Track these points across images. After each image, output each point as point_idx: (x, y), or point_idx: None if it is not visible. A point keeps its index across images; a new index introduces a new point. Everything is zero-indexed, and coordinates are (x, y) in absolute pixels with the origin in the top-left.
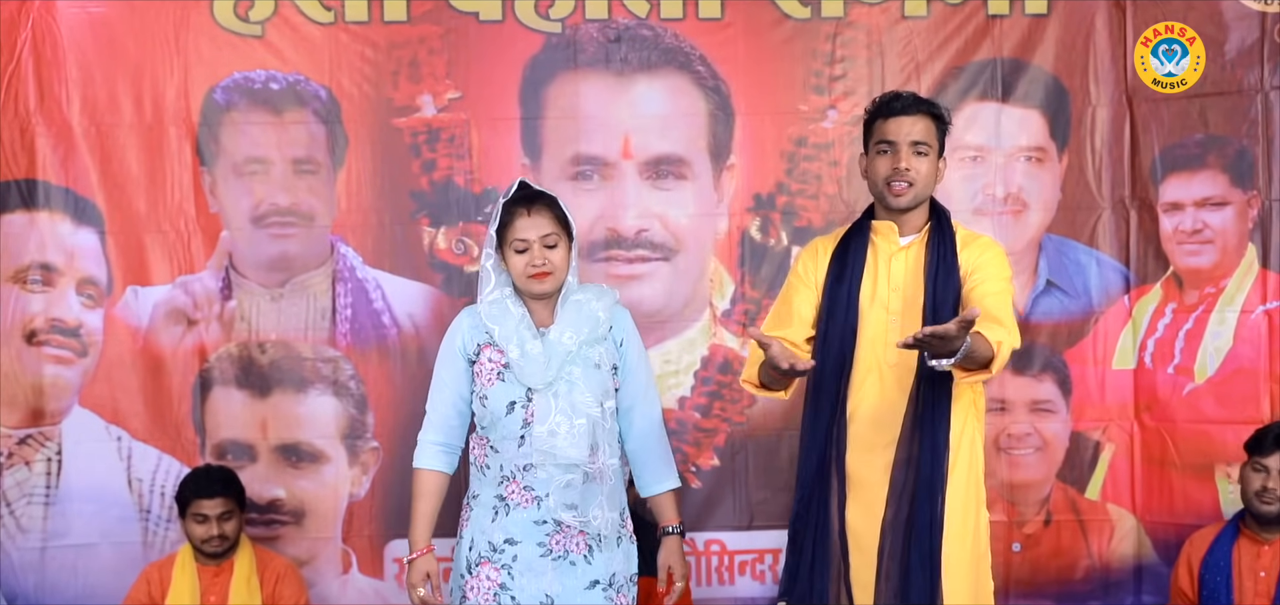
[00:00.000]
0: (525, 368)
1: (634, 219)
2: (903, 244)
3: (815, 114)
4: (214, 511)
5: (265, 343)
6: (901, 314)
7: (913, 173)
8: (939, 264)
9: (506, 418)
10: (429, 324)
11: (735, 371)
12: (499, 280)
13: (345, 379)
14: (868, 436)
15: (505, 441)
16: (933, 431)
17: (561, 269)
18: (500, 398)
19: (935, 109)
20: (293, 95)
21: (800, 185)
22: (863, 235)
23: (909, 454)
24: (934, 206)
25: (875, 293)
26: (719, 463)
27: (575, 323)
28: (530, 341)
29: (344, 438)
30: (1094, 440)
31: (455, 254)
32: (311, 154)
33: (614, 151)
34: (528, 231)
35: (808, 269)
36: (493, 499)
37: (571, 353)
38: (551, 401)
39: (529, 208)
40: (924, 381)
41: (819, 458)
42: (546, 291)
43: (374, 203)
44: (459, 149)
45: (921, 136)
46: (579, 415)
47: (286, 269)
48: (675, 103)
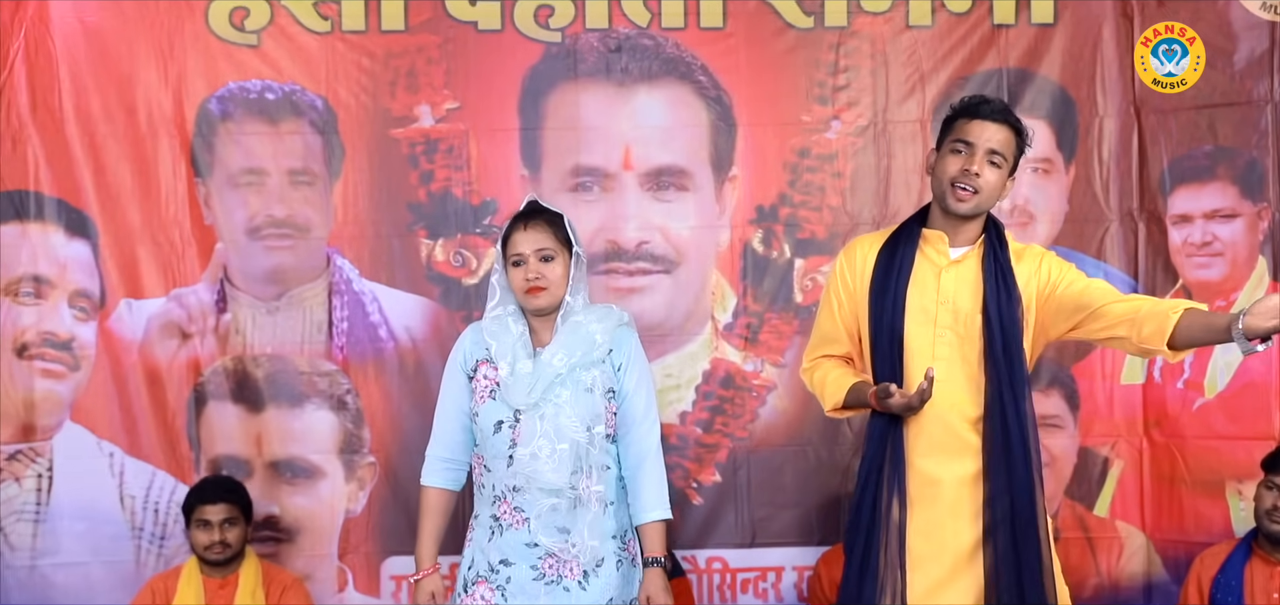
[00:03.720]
0: (512, 387)
1: (635, 231)
2: (954, 257)
3: (818, 124)
4: (216, 517)
5: (260, 356)
6: (950, 329)
7: (981, 179)
8: (998, 281)
9: (494, 437)
10: (426, 337)
11: (738, 386)
12: (504, 296)
13: (341, 393)
14: (923, 450)
15: (495, 461)
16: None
17: (558, 285)
18: (489, 416)
19: (1019, 125)
20: (289, 105)
21: (803, 197)
22: (912, 242)
23: (994, 484)
24: (989, 220)
25: (923, 305)
26: (721, 479)
27: (569, 344)
28: (522, 360)
29: (340, 453)
30: (1102, 456)
31: (453, 266)
32: (307, 165)
33: (614, 163)
34: (523, 245)
35: (845, 276)
36: (489, 518)
37: (561, 374)
38: (536, 424)
39: (526, 222)
40: (996, 400)
41: (877, 468)
42: (542, 307)
43: (371, 214)
44: (457, 160)
45: (1000, 146)
46: (562, 439)
47: (282, 282)
48: (676, 113)
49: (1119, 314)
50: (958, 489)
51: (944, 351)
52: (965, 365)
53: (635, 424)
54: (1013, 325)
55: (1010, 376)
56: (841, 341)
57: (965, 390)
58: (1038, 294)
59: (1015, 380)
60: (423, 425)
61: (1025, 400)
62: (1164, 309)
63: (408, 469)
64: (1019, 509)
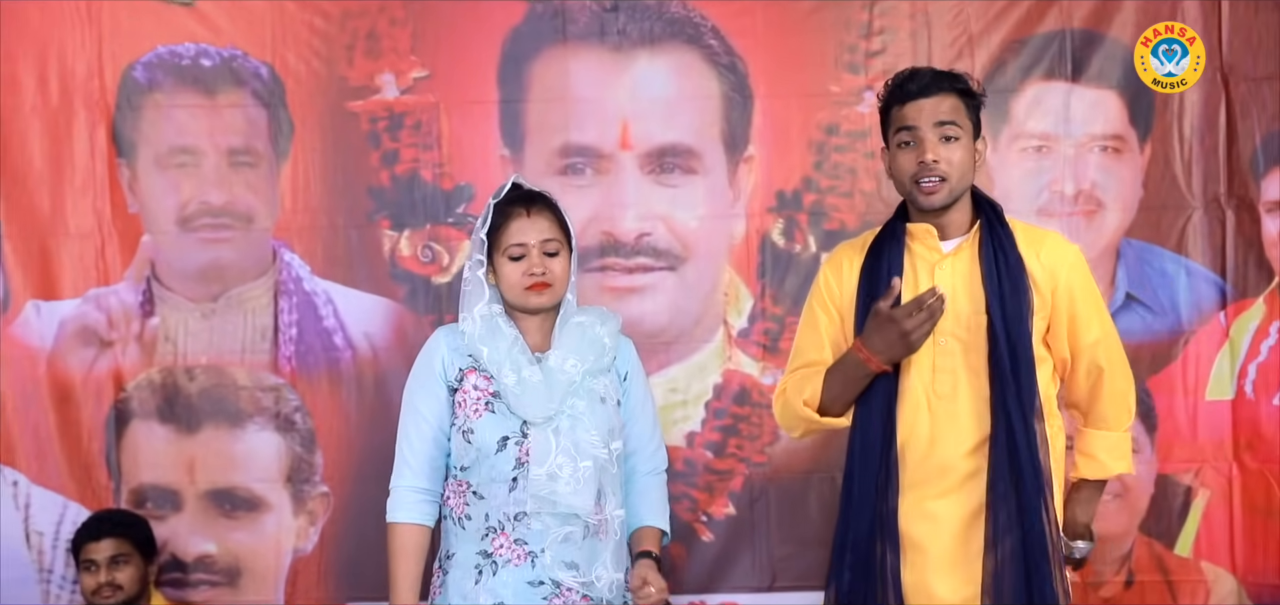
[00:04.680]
0: (523, 397)
1: (634, 221)
2: (946, 250)
3: (849, 96)
4: (103, 556)
5: (194, 368)
6: (951, 335)
7: (943, 164)
8: (1001, 274)
9: (496, 456)
10: (390, 345)
11: (754, 402)
12: (489, 294)
13: (289, 411)
14: (921, 484)
15: (493, 485)
16: (1023, 478)
17: (562, 282)
18: (489, 432)
19: (961, 82)
20: (228, 73)
21: (831, 180)
22: (897, 242)
23: (997, 520)
24: (978, 199)
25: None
26: (735, 511)
27: (578, 348)
28: (527, 367)
29: (288, 482)
30: (1184, 485)
31: (422, 262)
32: (250, 143)
33: (610, 141)
34: (526, 234)
35: (830, 287)
36: (474, 557)
37: (575, 383)
38: (551, 439)
39: (528, 208)
40: (1002, 420)
41: (869, 511)
42: (544, 306)
43: (325, 201)
44: (426, 138)
45: (948, 115)
46: (584, 457)
47: (220, 280)
48: (682, 83)
49: (1075, 399)
50: (959, 527)
51: (946, 362)
52: (971, 376)
53: (642, 443)
54: (1020, 323)
55: (1017, 389)
56: (821, 355)
57: (971, 408)
58: (1054, 296)
59: (1023, 392)
60: (386, 447)
61: (1035, 416)
62: (1089, 455)
63: (368, 501)
64: (1030, 546)
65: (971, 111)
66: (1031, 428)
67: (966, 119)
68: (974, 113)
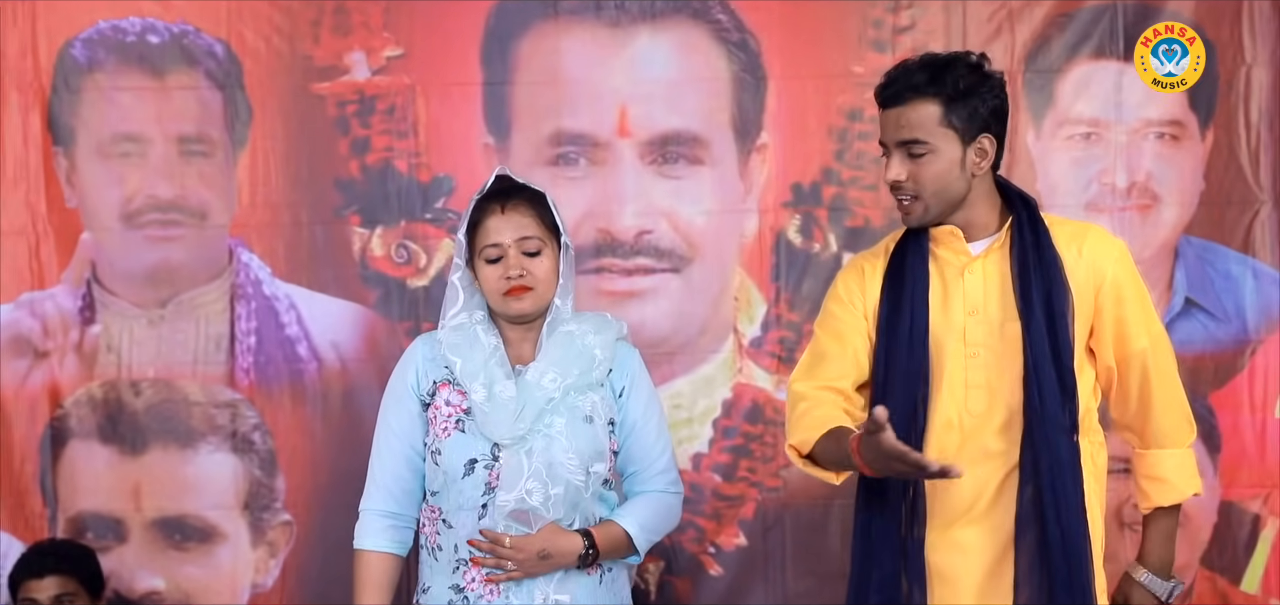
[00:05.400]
0: (491, 416)
1: (633, 217)
2: (975, 253)
3: (874, 77)
4: (46, 595)
5: (139, 382)
6: (984, 346)
7: (910, 184)
8: (1035, 276)
9: (464, 480)
10: (360, 356)
11: (768, 419)
12: (468, 300)
13: (247, 430)
14: (950, 511)
15: (461, 512)
16: (1061, 510)
17: (546, 284)
18: (457, 453)
19: (945, 85)
20: (178, 51)
21: (854, 172)
22: (920, 246)
23: (1030, 551)
24: (1007, 193)
25: (948, 322)
26: (746, 542)
27: (561, 360)
28: (501, 381)
29: (245, 509)
30: (1252, 513)
31: (396, 263)
32: (203, 130)
33: (607, 128)
34: (501, 233)
35: (852, 294)
36: (447, 591)
37: (553, 399)
38: (523, 461)
39: (504, 203)
40: (1038, 440)
41: (887, 540)
42: (526, 312)
43: (287, 195)
44: (401, 124)
45: (913, 132)
46: (557, 482)
47: (169, 283)
48: (687, 63)
49: (1125, 418)
50: (992, 557)
51: (979, 377)
52: (1007, 391)
53: (646, 463)
54: (1059, 331)
55: (1057, 404)
56: (842, 369)
57: (1006, 426)
58: (1098, 296)
59: (1063, 407)
60: (355, 471)
61: (1073, 433)
62: (1157, 479)
63: (335, 531)
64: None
65: (960, 114)
66: (1073, 446)
67: (944, 127)
68: (966, 113)
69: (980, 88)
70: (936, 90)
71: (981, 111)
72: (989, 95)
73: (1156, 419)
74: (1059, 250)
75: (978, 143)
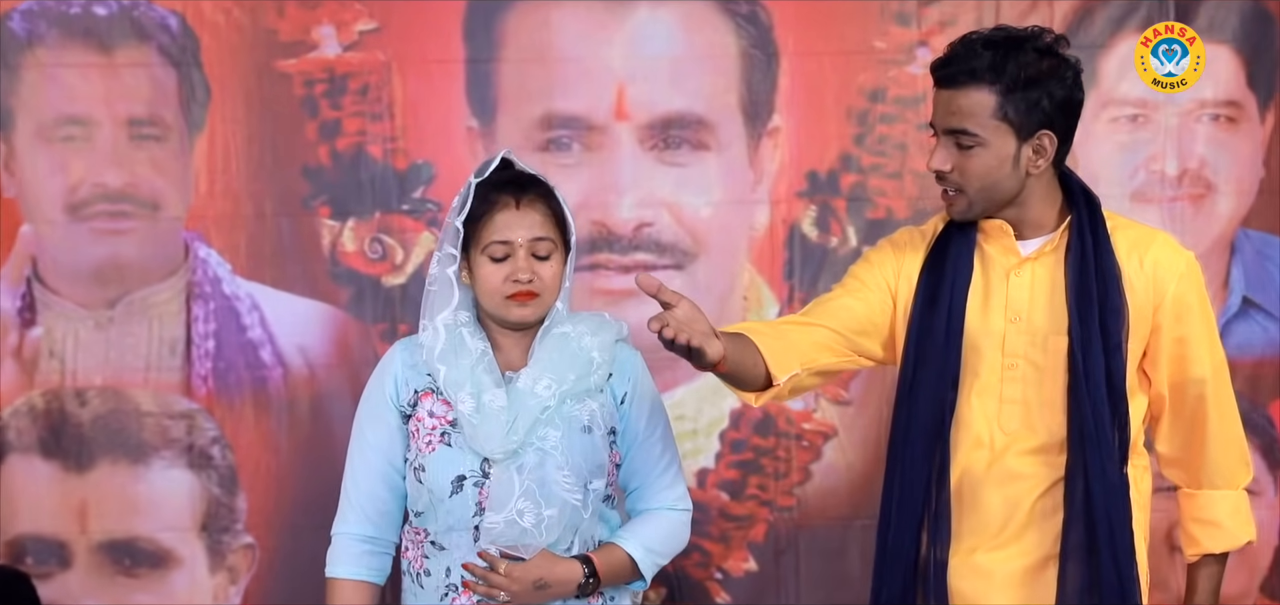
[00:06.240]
0: (480, 428)
1: (632, 208)
2: (1025, 253)
3: (898, 54)
4: None
5: (86, 390)
6: (1024, 358)
7: (955, 175)
8: (1091, 286)
9: (452, 499)
10: (330, 361)
11: (780, 432)
12: (456, 299)
13: (205, 444)
14: (975, 533)
15: (452, 534)
16: (1117, 550)
17: (552, 291)
18: (443, 470)
19: (1004, 73)
20: (128, 25)
21: (875, 158)
22: (967, 238)
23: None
24: (1070, 186)
25: (986, 326)
26: (757, 566)
27: (556, 365)
28: (490, 390)
29: (203, 530)
30: None
31: (369, 259)
32: (156, 112)
33: (603, 110)
34: (514, 230)
35: (885, 261)
36: None
37: (548, 408)
38: (514, 478)
39: (519, 197)
40: (1082, 467)
41: (905, 564)
42: (527, 320)
43: (249, 184)
44: (375, 105)
45: (963, 121)
46: (551, 502)
47: (119, 281)
48: (692, 39)
49: (1174, 453)
50: (1016, 583)
51: (1016, 391)
52: (1046, 409)
53: (648, 478)
54: (1113, 349)
55: (1107, 430)
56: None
57: (1042, 446)
58: (1158, 313)
59: (1114, 436)
60: (325, 489)
61: (1124, 465)
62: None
63: (302, 554)
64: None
65: (1018, 106)
66: (1124, 479)
67: (997, 119)
68: (1025, 106)
69: (1047, 77)
70: (995, 77)
71: (1045, 105)
72: (1057, 86)
73: (1212, 457)
74: (1119, 258)
75: (1037, 139)
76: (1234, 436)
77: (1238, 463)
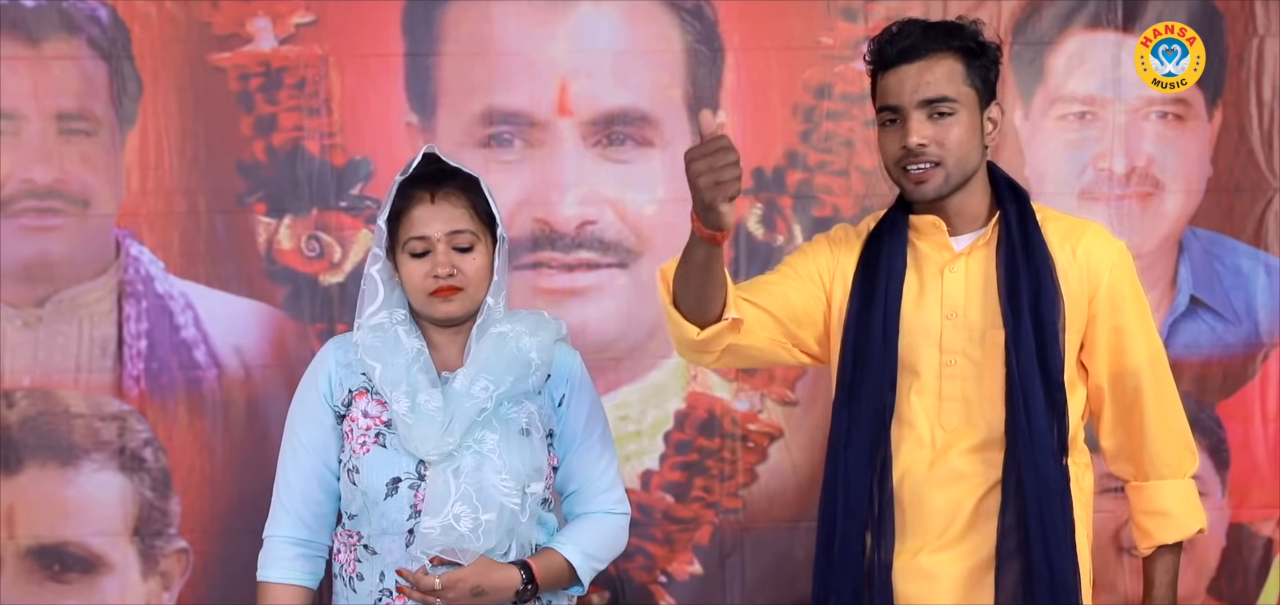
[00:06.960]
0: (415, 429)
1: (574, 205)
2: (958, 249)
3: (844, 50)
4: None
5: (13, 392)
6: (963, 354)
7: (934, 148)
8: (1023, 279)
9: (386, 502)
10: (266, 362)
11: (726, 433)
12: (388, 297)
13: (137, 446)
14: (918, 534)
15: (385, 537)
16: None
17: (477, 285)
18: (378, 472)
19: (960, 38)
20: (56, 16)
21: (822, 156)
22: (898, 235)
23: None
24: (998, 181)
25: (922, 324)
26: (702, 570)
27: (493, 366)
28: (425, 390)
29: (134, 535)
30: (1264, 537)
31: (306, 257)
32: (86, 106)
33: (545, 105)
34: (430, 225)
35: (819, 253)
36: None
37: (485, 410)
38: (449, 482)
39: (433, 191)
40: (1018, 461)
41: (854, 569)
42: (453, 315)
43: (182, 180)
44: (312, 100)
45: (939, 90)
46: (488, 506)
47: (47, 280)
48: (635, 33)
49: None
50: (960, 584)
51: (955, 389)
52: (986, 405)
53: (587, 481)
54: (1049, 341)
55: (1043, 423)
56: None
57: (984, 443)
58: (1093, 303)
59: (1051, 429)
60: (260, 492)
61: (1062, 457)
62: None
63: (237, 559)
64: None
65: (978, 73)
66: (1062, 471)
67: (967, 86)
68: (982, 74)
69: (988, 49)
70: (958, 44)
71: (991, 76)
72: (992, 62)
73: (1155, 447)
74: (1051, 249)
75: (991, 109)
76: (1176, 425)
77: (1182, 450)
